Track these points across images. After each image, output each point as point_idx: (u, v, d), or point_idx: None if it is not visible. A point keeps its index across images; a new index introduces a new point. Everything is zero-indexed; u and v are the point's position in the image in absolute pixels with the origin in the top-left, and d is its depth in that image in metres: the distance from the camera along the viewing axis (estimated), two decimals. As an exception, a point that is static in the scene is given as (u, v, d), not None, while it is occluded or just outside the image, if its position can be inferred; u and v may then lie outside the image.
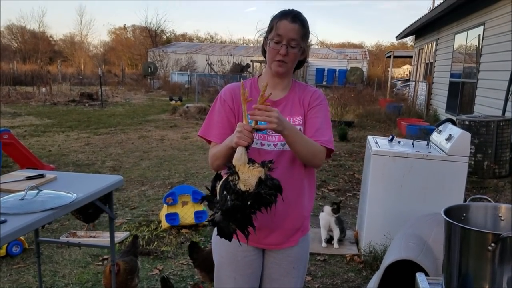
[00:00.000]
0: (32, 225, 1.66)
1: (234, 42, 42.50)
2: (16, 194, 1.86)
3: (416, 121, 10.35)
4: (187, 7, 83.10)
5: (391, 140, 3.86)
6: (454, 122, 4.08)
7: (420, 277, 1.53)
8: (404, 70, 33.25)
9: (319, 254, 3.65)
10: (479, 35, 8.53)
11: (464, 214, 1.48)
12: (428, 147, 3.67)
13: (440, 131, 3.79)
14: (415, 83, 15.52)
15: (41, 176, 2.20)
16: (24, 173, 2.29)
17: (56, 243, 3.70)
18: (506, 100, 6.60)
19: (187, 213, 4.05)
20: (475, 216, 1.49)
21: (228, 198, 1.40)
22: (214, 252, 1.84)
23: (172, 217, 4.01)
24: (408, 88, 18.81)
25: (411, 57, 19.16)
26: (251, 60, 23.21)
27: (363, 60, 26.59)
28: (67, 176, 2.35)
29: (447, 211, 1.41)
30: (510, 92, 6.57)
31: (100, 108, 14.26)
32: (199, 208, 4.10)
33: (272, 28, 1.65)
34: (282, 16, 1.64)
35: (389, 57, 20.82)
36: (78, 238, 3.80)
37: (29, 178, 2.15)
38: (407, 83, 20.31)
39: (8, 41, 38.99)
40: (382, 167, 3.46)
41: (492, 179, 5.85)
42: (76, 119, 11.49)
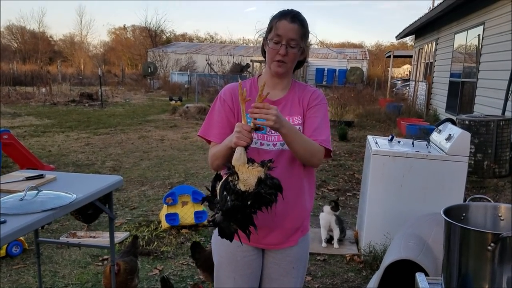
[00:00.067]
0: (31, 225, 1.66)
1: (234, 42, 42.54)
2: (16, 194, 1.86)
3: (416, 121, 10.35)
4: (187, 7, 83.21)
5: (391, 140, 3.86)
6: (454, 122, 4.08)
7: (420, 277, 1.53)
8: (404, 70, 33.24)
9: (319, 254, 3.65)
10: (479, 35, 8.53)
11: (463, 214, 1.48)
12: (428, 147, 3.67)
13: (440, 130, 3.79)
14: (415, 83, 15.52)
15: (40, 176, 2.20)
16: (24, 173, 2.30)
17: (56, 243, 3.70)
18: (506, 99, 6.60)
19: (187, 213, 4.05)
20: (475, 216, 1.49)
21: (228, 198, 1.39)
22: (213, 252, 1.84)
23: (172, 217, 4.01)
24: (408, 88, 18.81)
25: (411, 56, 19.17)
26: (251, 60, 23.21)
27: (363, 60, 26.59)
28: (66, 177, 2.35)
29: (447, 211, 1.41)
30: (510, 92, 6.57)
31: (100, 108, 14.26)
32: (199, 208, 4.10)
33: (272, 28, 1.65)
34: (282, 16, 1.64)
35: (389, 57, 20.83)
36: (78, 238, 3.81)
37: (28, 179, 2.15)
38: (407, 83, 20.31)
39: (8, 41, 39.01)
40: (382, 167, 3.46)
41: (492, 178, 5.85)
42: (76, 119, 11.49)
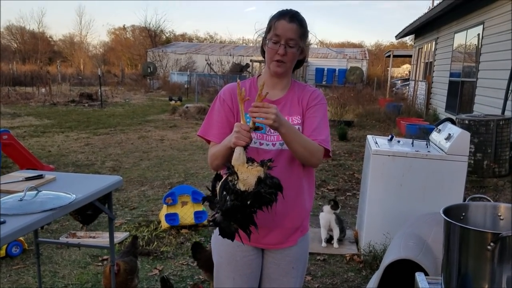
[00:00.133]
0: (31, 225, 1.66)
1: (233, 42, 42.53)
2: (15, 195, 1.86)
3: (415, 120, 10.34)
4: (187, 7, 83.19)
5: (391, 139, 3.86)
6: (453, 122, 4.07)
7: (419, 276, 1.53)
8: (404, 69, 33.23)
9: (319, 254, 3.65)
10: (479, 34, 8.53)
11: (463, 214, 1.48)
12: (427, 147, 3.67)
13: (440, 130, 3.79)
14: (415, 83, 15.52)
15: (40, 176, 2.20)
16: (23, 173, 2.30)
17: (55, 243, 3.70)
18: (506, 99, 6.60)
19: (186, 213, 4.05)
20: (475, 215, 1.49)
21: (227, 198, 1.39)
22: (213, 252, 1.84)
23: (172, 217, 4.00)
24: (407, 87, 18.80)
25: (410, 56, 19.17)
26: (251, 60, 23.18)
27: (362, 59, 26.58)
28: (66, 177, 2.35)
29: (447, 211, 1.41)
30: (510, 91, 6.57)
31: (99, 109, 14.26)
32: (198, 208, 4.10)
33: (270, 28, 1.65)
34: (280, 16, 1.64)
35: (388, 56, 20.83)
36: (78, 238, 3.80)
37: (28, 179, 2.15)
38: (407, 83, 20.31)
39: (7, 41, 39.02)
40: (382, 167, 3.46)
41: (491, 178, 5.85)
42: (76, 120, 11.49)
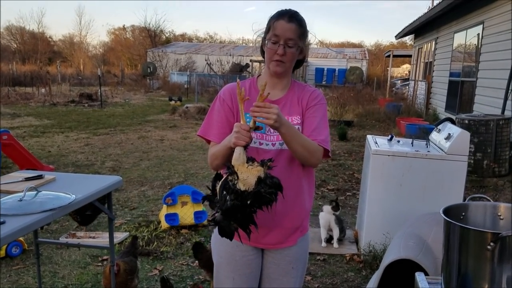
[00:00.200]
0: (31, 226, 1.66)
1: (233, 42, 42.53)
2: (15, 195, 1.86)
3: (415, 120, 10.34)
4: (186, 7, 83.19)
5: (390, 139, 3.86)
6: (453, 121, 4.07)
7: (419, 276, 1.53)
8: (404, 69, 33.23)
9: (319, 254, 3.65)
10: (478, 34, 8.53)
11: (463, 213, 1.48)
12: (427, 146, 3.67)
13: (440, 130, 3.79)
14: (415, 82, 15.52)
15: (40, 177, 2.20)
16: (23, 174, 2.30)
17: (55, 244, 3.70)
18: (506, 99, 6.60)
19: (186, 213, 4.04)
20: (474, 215, 1.49)
21: (227, 198, 1.39)
22: (213, 252, 1.84)
23: (172, 217, 4.00)
24: (407, 87, 18.80)
25: (410, 56, 19.17)
26: (251, 60, 23.18)
27: (362, 59, 26.58)
28: (66, 177, 2.35)
29: (446, 211, 1.40)
30: (510, 91, 6.57)
31: (99, 109, 14.26)
32: (198, 208, 4.10)
33: (270, 29, 1.65)
34: (279, 16, 1.64)
35: (388, 56, 20.84)
36: (78, 239, 3.80)
37: (28, 179, 2.15)
38: (407, 82, 20.31)
39: (7, 41, 39.03)
40: (382, 167, 3.46)
41: (491, 178, 5.85)
42: (76, 120, 11.49)
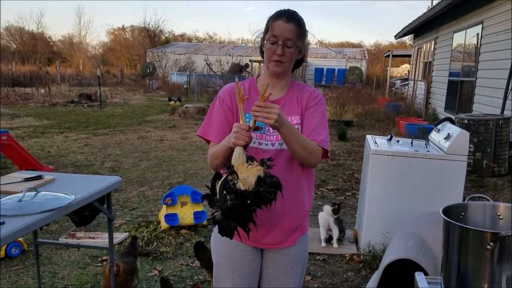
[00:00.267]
0: (30, 226, 1.66)
1: (233, 42, 42.48)
2: (14, 195, 1.86)
3: (415, 120, 10.34)
4: (186, 7, 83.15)
5: (390, 139, 3.86)
6: (452, 121, 4.07)
7: (419, 276, 1.53)
8: (403, 69, 33.23)
9: (319, 254, 3.65)
10: (478, 34, 8.53)
11: (462, 213, 1.48)
12: (426, 146, 3.67)
13: (439, 130, 3.79)
14: (414, 82, 15.52)
15: (39, 177, 2.20)
16: (22, 174, 2.29)
17: (55, 244, 3.69)
18: (505, 98, 6.61)
19: (186, 213, 4.04)
20: (474, 215, 1.48)
21: (227, 197, 1.40)
22: (212, 252, 1.84)
23: (171, 217, 4.00)
24: (407, 87, 18.80)
25: (409, 56, 19.17)
26: (250, 60, 23.16)
27: (362, 59, 26.58)
28: (65, 177, 2.35)
29: (446, 210, 1.40)
30: (509, 91, 6.57)
31: (99, 109, 14.25)
32: (198, 208, 4.10)
33: (268, 29, 1.65)
34: (278, 17, 1.64)
35: (387, 56, 20.84)
36: (77, 239, 3.80)
37: (27, 180, 2.15)
38: (406, 82, 20.31)
39: (6, 42, 39.00)
40: (381, 167, 3.46)
41: (491, 177, 5.86)
42: (75, 120, 11.48)
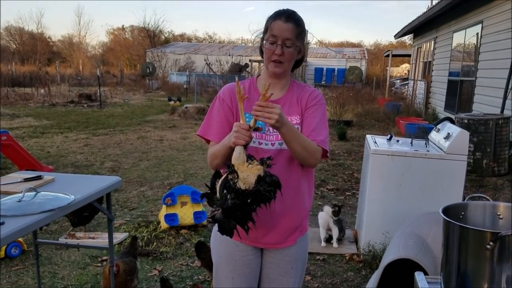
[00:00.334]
0: (30, 226, 1.66)
1: (232, 42, 42.49)
2: (14, 195, 1.86)
3: (414, 119, 10.35)
4: (185, 7, 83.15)
5: (390, 139, 3.86)
6: (452, 121, 4.07)
7: (419, 276, 1.53)
8: (403, 68, 33.24)
9: (319, 254, 3.65)
10: (477, 33, 8.53)
11: (462, 213, 1.48)
12: (426, 146, 3.67)
13: (439, 129, 3.79)
14: (414, 82, 15.52)
15: (39, 177, 2.20)
16: (22, 174, 2.29)
17: (54, 244, 3.69)
18: (505, 98, 6.61)
19: (186, 213, 4.04)
20: (474, 214, 1.48)
21: (228, 196, 1.40)
22: (212, 252, 1.84)
23: (171, 217, 4.00)
24: (406, 86, 18.81)
25: (409, 55, 19.18)
26: (250, 60, 23.16)
27: (361, 59, 26.60)
28: (65, 178, 2.35)
29: (446, 210, 1.40)
30: (509, 90, 6.57)
31: (98, 109, 14.25)
32: (198, 208, 4.10)
33: (267, 29, 1.65)
34: (276, 17, 1.64)
35: (387, 56, 20.84)
36: (77, 239, 3.80)
37: (27, 180, 2.15)
38: (406, 82, 20.32)
39: (6, 42, 39.01)
40: (381, 166, 3.46)
41: (491, 177, 5.86)
42: (75, 120, 11.48)
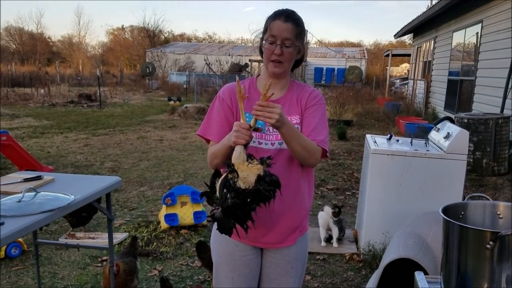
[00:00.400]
0: (29, 227, 1.66)
1: (232, 41, 42.47)
2: (14, 196, 1.86)
3: (414, 119, 10.34)
4: (185, 7, 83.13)
5: (390, 138, 3.86)
6: (452, 120, 4.08)
7: (419, 275, 1.53)
8: (403, 68, 33.25)
9: (319, 253, 3.65)
10: (477, 33, 8.53)
11: (462, 213, 1.48)
12: (426, 146, 3.67)
13: (439, 129, 3.79)
14: (414, 82, 15.52)
15: (38, 177, 2.20)
16: (22, 174, 2.30)
17: (54, 244, 3.69)
18: (505, 97, 6.61)
19: (186, 213, 4.04)
20: (474, 214, 1.48)
21: (228, 196, 1.40)
22: (212, 252, 1.84)
23: (171, 217, 4.00)
24: (406, 86, 18.81)
25: (409, 55, 19.17)
26: (250, 60, 23.14)
27: (361, 58, 26.59)
28: (65, 178, 2.35)
29: (446, 210, 1.40)
30: (509, 90, 6.57)
31: (98, 109, 14.25)
32: (198, 208, 4.10)
33: (267, 29, 1.66)
34: (276, 17, 1.64)
35: (387, 55, 20.83)
36: (77, 239, 3.80)
37: (27, 180, 2.15)
38: (406, 82, 20.31)
39: (6, 42, 38.99)
40: (381, 166, 3.46)
41: (491, 176, 5.86)
42: (75, 120, 11.48)
